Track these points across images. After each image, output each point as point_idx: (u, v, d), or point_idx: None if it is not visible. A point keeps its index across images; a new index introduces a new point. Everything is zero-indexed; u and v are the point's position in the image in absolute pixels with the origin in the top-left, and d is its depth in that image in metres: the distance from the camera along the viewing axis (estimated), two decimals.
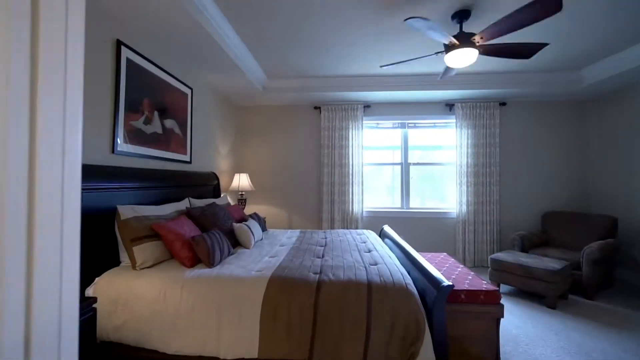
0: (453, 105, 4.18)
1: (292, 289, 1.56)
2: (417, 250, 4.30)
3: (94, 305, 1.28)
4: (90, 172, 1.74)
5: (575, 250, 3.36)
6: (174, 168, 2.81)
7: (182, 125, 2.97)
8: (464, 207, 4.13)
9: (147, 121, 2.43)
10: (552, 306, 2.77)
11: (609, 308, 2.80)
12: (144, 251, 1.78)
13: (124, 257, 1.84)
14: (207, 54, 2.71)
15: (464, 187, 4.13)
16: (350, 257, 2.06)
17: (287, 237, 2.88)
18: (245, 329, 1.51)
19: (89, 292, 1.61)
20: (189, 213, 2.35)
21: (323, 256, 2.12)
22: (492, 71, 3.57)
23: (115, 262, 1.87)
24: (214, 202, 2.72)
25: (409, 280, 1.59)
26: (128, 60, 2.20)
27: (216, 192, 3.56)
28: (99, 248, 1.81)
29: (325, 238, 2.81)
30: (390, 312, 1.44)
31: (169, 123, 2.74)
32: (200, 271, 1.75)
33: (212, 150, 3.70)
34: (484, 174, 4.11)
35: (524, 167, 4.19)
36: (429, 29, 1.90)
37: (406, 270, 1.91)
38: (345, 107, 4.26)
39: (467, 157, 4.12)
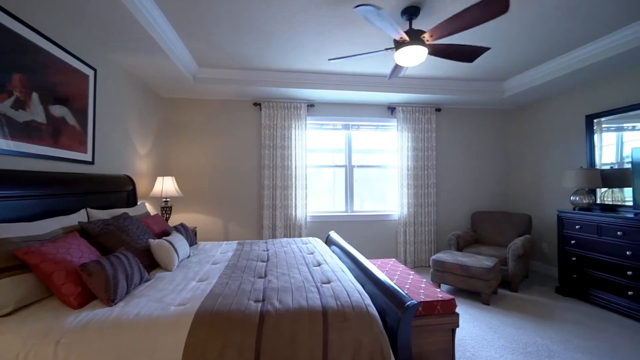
0: (395, 108, 4.24)
1: (226, 326, 1.20)
2: (364, 255, 4.23)
3: None
4: None
5: (501, 247, 3.66)
6: (66, 170, 2.15)
7: (80, 115, 2.30)
8: (405, 209, 4.20)
9: (20, 105, 1.77)
10: (487, 302, 2.91)
11: (531, 299, 3.07)
12: None
13: None
14: (117, 25, 2.13)
15: (405, 190, 4.21)
16: (299, 274, 1.77)
17: (222, 252, 2.44)
18: None
19: None
20: (83, 230, 1.77)
21: (266, 275, 1.78)
22: (427, 77, 3.69)
23: None
24: (124, 213, 2.15)
25: (368, 301, 1.37)
26: None
27: (131, 200, 2.90)
28: None
29: (268, 250, 2.47)
30: (351, 343, 1.20)
31: (59, 111, 2.08)
32: (93, 313, 1.25)
33: (127, 148, 3.01)
34: (423, 177, 4.25)
35: (457, 170, 4.48)
36: (380, 18, 1.76)
37: (359, 282, 1.71)
38: (287, 105, 3.97)
39: (408, 160, 4.21)
